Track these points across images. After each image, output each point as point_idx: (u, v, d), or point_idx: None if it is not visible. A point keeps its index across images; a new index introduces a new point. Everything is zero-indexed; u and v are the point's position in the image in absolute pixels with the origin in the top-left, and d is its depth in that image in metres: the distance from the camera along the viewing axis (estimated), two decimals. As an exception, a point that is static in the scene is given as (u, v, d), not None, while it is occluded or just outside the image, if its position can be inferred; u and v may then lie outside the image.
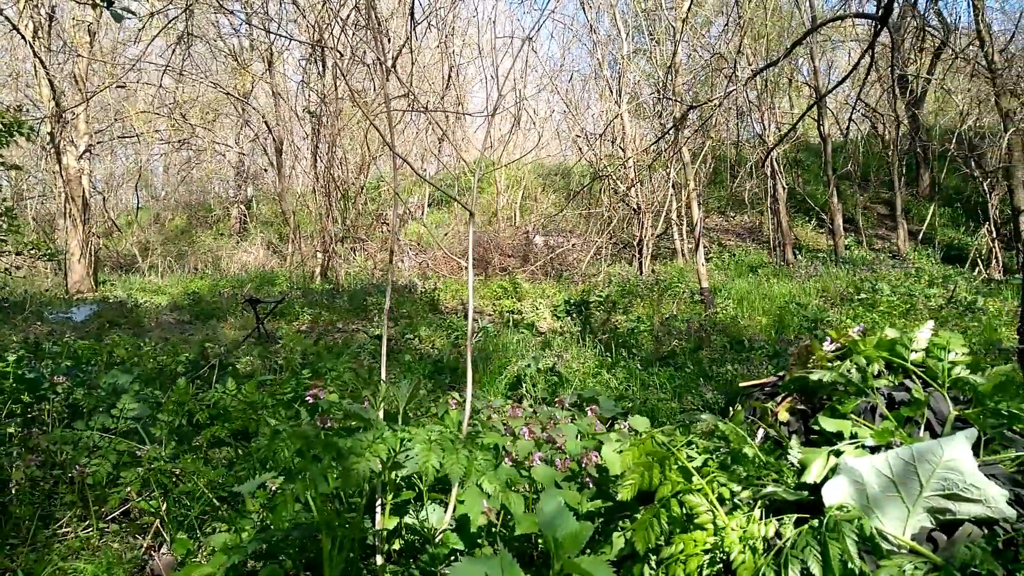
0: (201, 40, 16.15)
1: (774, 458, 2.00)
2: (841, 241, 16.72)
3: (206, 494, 3.01)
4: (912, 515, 1.74)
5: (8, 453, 3.36)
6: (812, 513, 1.79)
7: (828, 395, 2.22)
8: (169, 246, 21.76)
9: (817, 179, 21.01)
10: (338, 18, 7.52)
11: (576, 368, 6.87)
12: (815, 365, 2.32)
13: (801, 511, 1.83)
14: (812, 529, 1.67)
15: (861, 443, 1.96)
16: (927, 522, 1.74)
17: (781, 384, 2.41)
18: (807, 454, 1.94)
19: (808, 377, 2.20)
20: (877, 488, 1.75)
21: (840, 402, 2.11)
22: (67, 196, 14.91)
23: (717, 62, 13.65)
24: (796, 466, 1.97)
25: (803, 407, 2.24)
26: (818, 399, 2.25)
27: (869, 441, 1.96)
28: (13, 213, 5.82)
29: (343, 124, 16.51)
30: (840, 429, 2.05)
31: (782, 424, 2.22)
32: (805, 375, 2.23)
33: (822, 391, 2.23)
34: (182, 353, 6.52)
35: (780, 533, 1.76)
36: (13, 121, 4.79)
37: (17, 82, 20.30)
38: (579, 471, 2.43)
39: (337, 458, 1.78)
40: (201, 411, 3.27)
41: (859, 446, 1.95)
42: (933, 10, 16.71)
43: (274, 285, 15.31)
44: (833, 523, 1.63)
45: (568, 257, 17.09)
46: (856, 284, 11.96)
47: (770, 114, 17.73)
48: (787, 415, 2.22)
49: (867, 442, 1.96)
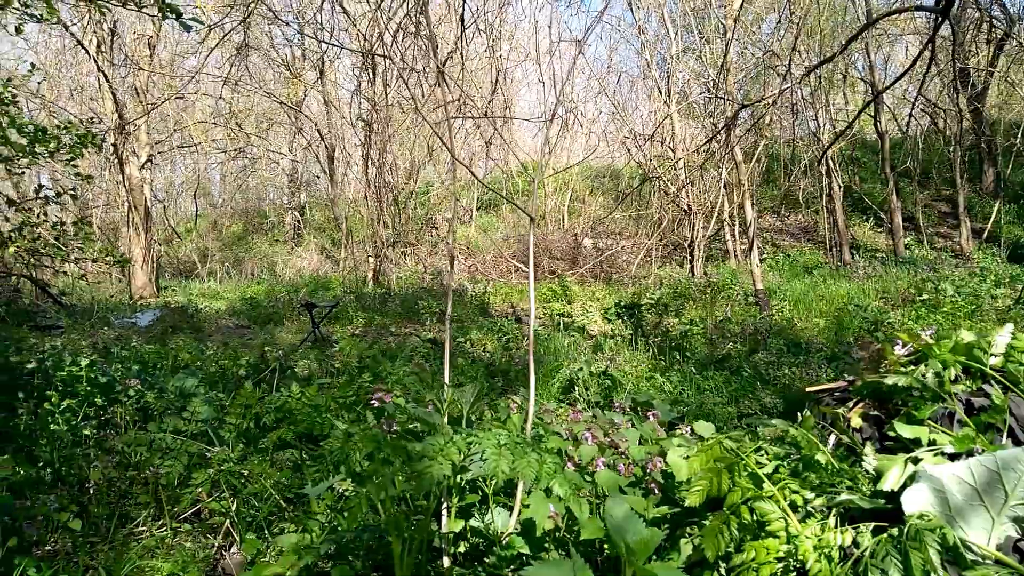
0: (256, 51, 16.57)
1: (848, 465, 1.96)
2: (901, 240, 16.23)
3: (273, 495, 3.09)
4: (997, 525, 1.68)
5: (85, 454, 3.51)
6: (890, 522, 1.74)
7: (903, 401, 2.16)
8: (226, 252, 22.37)
9: (874, 176, 20.44)
10: (389, 27, 7.64)
11: (629, 371, 6.82)
12: (887, 370, 2.26)
13: (878, 520, 1.78)
14: (892, 538, 1.63)
15: (940, 450, 1.90)
16: (1013, 532, 1.68)
17: (852, 389, 2.36)
18: (883, 461, 1.89)
19: (881, 382, 2.15)
20: (959, 497, 1.70)
21: (916, 408, 2.05)
22: (130, 205, 15.47)
23: (769, 60, 13.41)
24: (871, 473, 1.92)
25: (876, 413, 2.19)
26: (892, 405, 2.19)
27: (948, 448, 1.90)
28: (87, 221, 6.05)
29: (393, 130, 16.73)
30: (917, 436, 1.99)
31: (855, 430, 2.16)
32: (878, 380, 2.17)
33: (896, 396, 2.17)
34: (242, 357, 6.69)
35: (857, 542, 1.72)
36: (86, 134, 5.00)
37: (82, 95, 21.12)
38: (643, 476, 2.41)
39: (407, 461, 1.80)
40: (268, 414, 3.35)
41: (938, 453, 1.89)
42: (996, 1, 16.12)
43: (328, 290, 15.59)
44: (914, 532, 1.59)
45: (618, 259, 16.98)
46: (918, 285, 11.59)
47: (824, 111, 17.33)
48: (860, 421, 2.17)
49: (946, 449, 1.90)
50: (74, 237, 5.52)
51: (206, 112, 19.83)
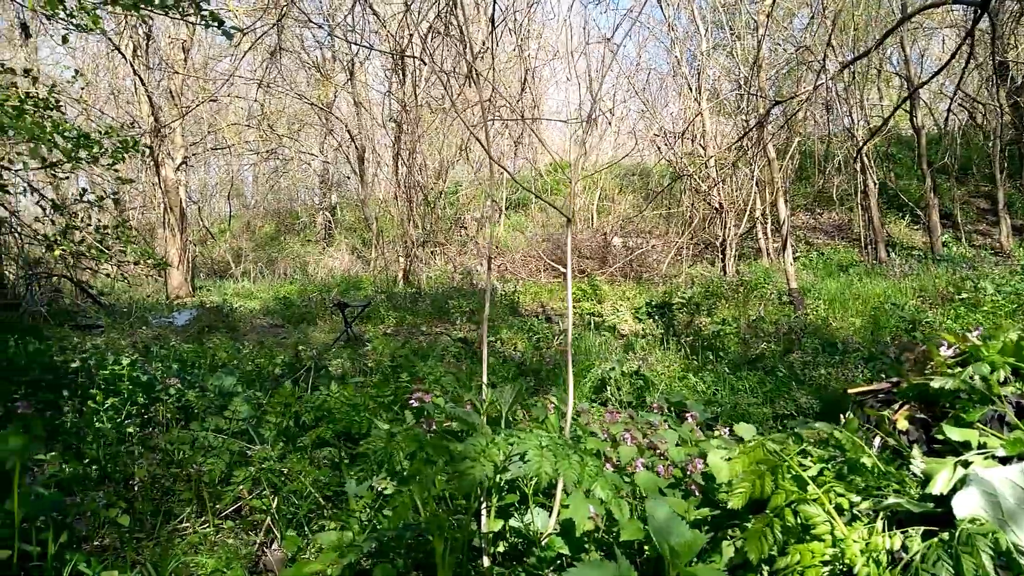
0: (287, 53, 16.78)
1: (894, 468, 1.93)
2: (938, 238, 15.90)
3: (312, 493, 3.13)
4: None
5: (130, 452, 3.58)
6: (939, 526, 1.71)
7: (950, 403, 2.12)
8: (259, 252, 22.70)
9: (910, 173, 20.05)
10: (419, 28, 7.69)
11: (661, 371, 6.78)
12: (933, 371, 2.22)
13: (926, 524, 1.75)
14: (942, 542, 1.60)
15: (990, 454, 1.86)
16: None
17: (897, 391, 2.32)
18: (931, 464, 1.86)
19: (928, 384, 2.11)
20: (1012, 501, 1.66)
21: (965, 410, 2.01)
22: (166, 206, 15.77)
23: (802, 55, 13.22)
24: (919, 477, 1.89)
25: (923, 416, 2.15)
26: (939, 407, 2.15)
27: (999, 451, 1.86)
28: (128, 225, 6.19)
29: (423, 130, 16.82)
30: (966, 439, 1.95)
31: (901, 433, 2.13)
32: (924, 382, 2.13)
33: (943, 399, 2.13)
34: (278, 355, 6.78)
35: (906, 546, 1.69)
36: (128, 139, 5.11)
37: (118, 99, 21.57)
38: (682, 478, 2.40)
39: (450, 462, 1.82)
40: (307, 413, 3.40)
41: (988, 457, 1.85)
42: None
43: (359, 289, 15.74)
44: (966, 536, 1.56)
45: (648, 258, 16.88)
46: (956, 283, 11.33)
47: (858, 107, 17.03)
48: (906, 423, 2.13)
49: (997, 452, 1.86)
50: (116, 240, 5.65)
51: (239, 114, 20.14)
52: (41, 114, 4.29)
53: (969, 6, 6.06)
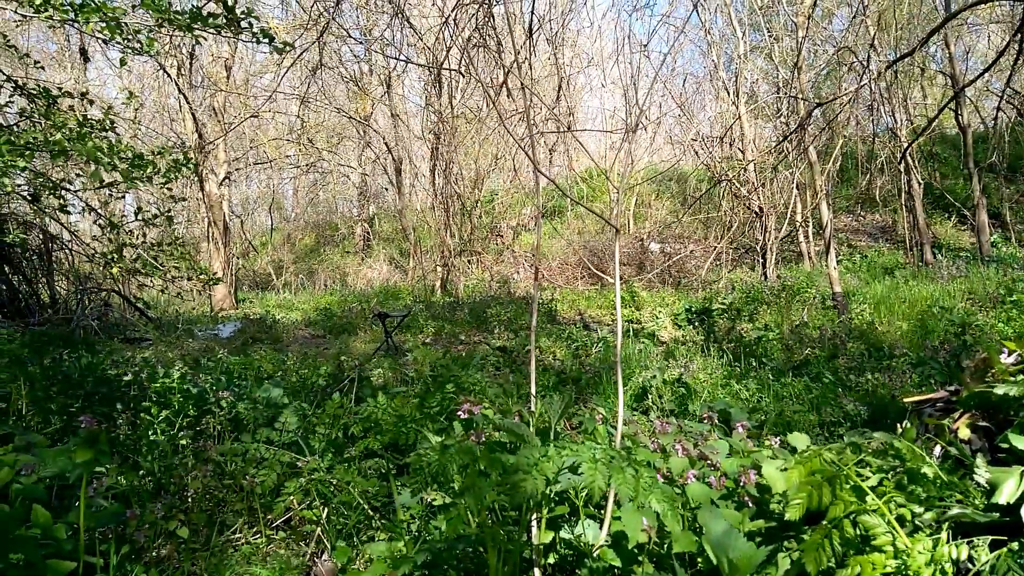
0: (327, 68, 17.06)
1: (957, 478, 1.88)
2: (987, 238, 15.46)
3: (361, 504, 3.17)
4: None
5: (183, 463, 3.67)
6: (1008, 536, 1.67)
7: (1014, 411, 2.06)
8: (300, 264, 23.07)
9: (956, 172, 19.56)
10: (457, 40, 7.75)
11: (703, 379, 6.70)
12: (995, 379, 2.16)
13: (993, 533, 1.71)
14: (1012, 552, 1.56)
15: (1059, 463, 1.81)
16: None
17: (958, 400, 2.26)
18: (996, 473, 1.81)
19: (990, 392, 2.06)
20: None
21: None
22: (210, 220, 16.14)
23: (842, 56, 13.02)
24: (984, 486, 1.84)
25: (985, 424, 2.10)
26: (1002, 416, 2.10)
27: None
28: (181, 242, 6.35)
29: (459, 141, 16.94)
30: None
31: (963, 442, 2.08)
32: (986, 390, 2.08)
33: (1007, 407, 2.08)
34: (321, 366, 6.87)
35: (972, 557, 1.65)
36: (180, 158, 5.26)
37: (163, 116, 22.17)
38: (735, 489, 2.37)
39: (503, 474, 1.82)
40: (355, 424, 3.44)
41: (1057, 467, 1.80)
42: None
43: (398, 299, 15.88)
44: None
45: (686, 264, 16.73)
46: (1007, 284, 11.00)
47: (901, 106, 16.68)
48: (968, 432, 2.08)
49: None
50: (169, 257, 5.81)
51: (279, 129, 20.53)
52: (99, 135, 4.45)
53: (1017, 2, 5.93)
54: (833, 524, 1.84)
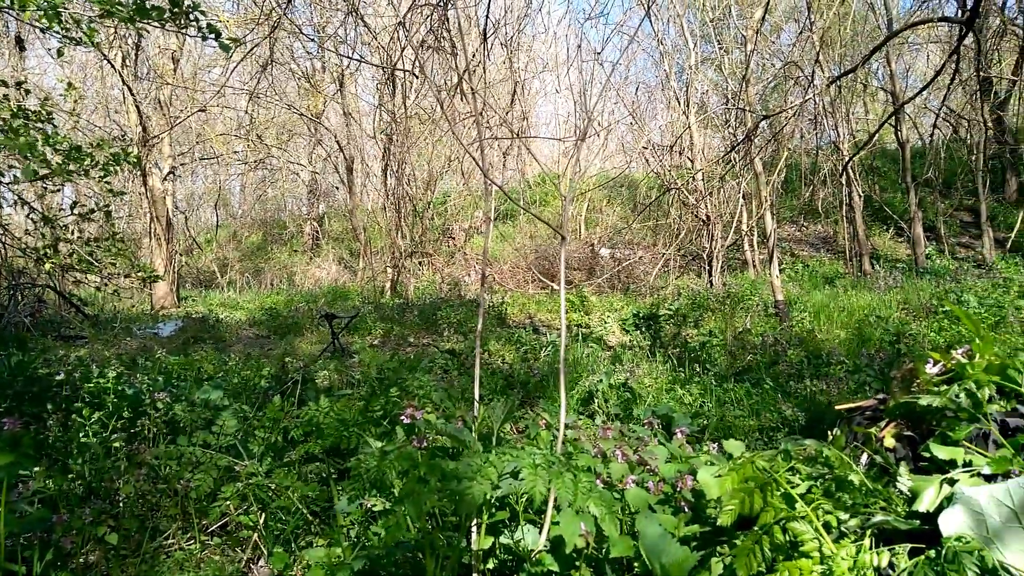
0: (278, 64, 16.76)
1: (881, 485, 1.95)
2: (922, 250, 16.08)
3: (300, 509, 3.11)
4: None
5: (116, 467, 3.55)
6: (926, 543, 1.73)
7: (936, 421, 2.15)
8: (246, 262, 22.59)
9: (895, 186, 20.28)
10: (411, 41, 7.70)
11: (648, 384, 6.80)
12: (920, 389, 2.25)
13: (913, 541, 1.77)
14: (929, 560, 1.62)
15: (976, 471, 1.89)
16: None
17: (884, 409, 2.35)
18: (918, 482, 1.89)
19: (915, 402, 2.14)
20: (998, 519, 1.69)
21: (951, 428, 2.04)
22: (152, 216, 15.68)
23: (790, 70, 13.38)
24: (906, 494, 1.92)
25: (909, 433, 2.18)
26: (926, 425, 2.18)
27: (985, 469, 1.89)
28: (120, 237, 6.14)
29: (412, 141, 16.84)
30: (952, 457, 1.98)
31: (888, 450, 2.16)
32: (912, 400, 2.16)
33: (930, 417, 2.16)
34: (264, 368, 6.74)
35: (893, 564, 1.71)
36: (120, 151, 5.09)
37: (106, 108, 21.45)
38: (672, 494, 2.41)
39: (443, 480, 1.82)
40: (296, 428, 3.38)
41: (974, 474, 1.88)
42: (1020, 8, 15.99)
43: (346, 300, 15.68)
44: (952, 554, 1.58)
45: (635, 270, 16.95)
46: (940, 296, 11.46)
47: (844, 121, 17.23)
48: (893, 441, 2.16)
49: (983, 470, 1.89)
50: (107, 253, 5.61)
51: (228, 124, 20.08)
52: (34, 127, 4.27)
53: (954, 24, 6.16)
54: (764, 530, 1.88)
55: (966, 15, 4.87)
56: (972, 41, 10.00)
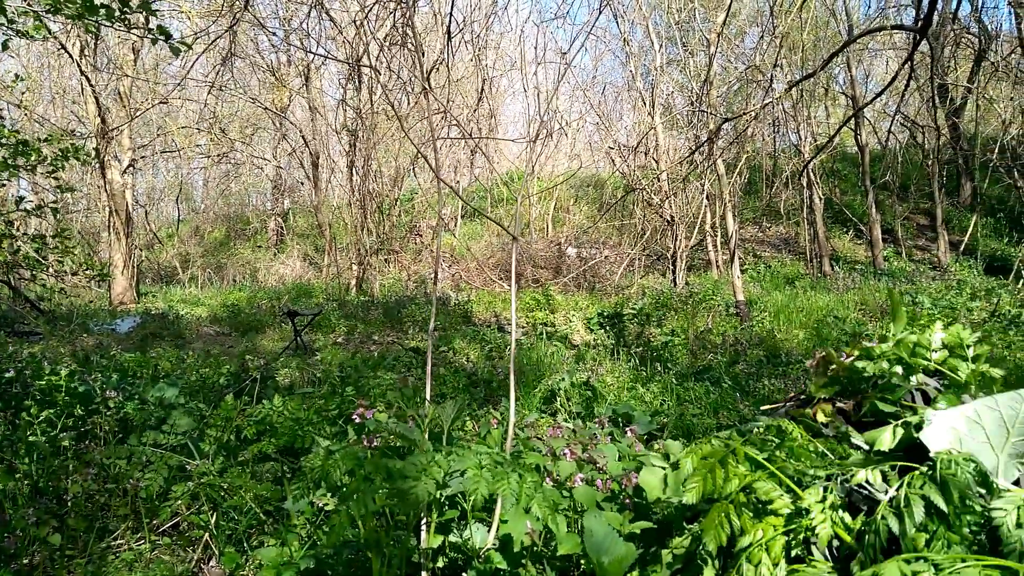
0: (241, 57, 16.51)
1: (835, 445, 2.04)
2: (880, 252, 16.46)
3: (253, 509, 3.09)
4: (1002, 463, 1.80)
5: (64, 466, 3.48)
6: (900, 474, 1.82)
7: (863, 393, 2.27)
8: (208, 258, 22.22)
9: (855, 189, 20.72)
10: (375, 37, 7.66)
11: (610, 382, 6.86)
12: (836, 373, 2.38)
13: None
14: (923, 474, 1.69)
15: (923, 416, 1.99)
16: (1015, 471, 1.79)
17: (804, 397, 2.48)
18: (871, 433, 2.00)
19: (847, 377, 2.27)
20: (970, 437, 1.81)
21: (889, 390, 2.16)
22: (111, 210, 15.34)
23: (752, 73, 13.59)
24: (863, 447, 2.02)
25: (842, 405, 2.30)
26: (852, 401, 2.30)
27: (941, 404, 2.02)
28: (67, 234, 5.99)
29: (379, 138, 16.73)
30: (895, 411, 2.10)
31: (823, 425, 2.26)
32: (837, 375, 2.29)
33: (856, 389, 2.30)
34: (223, 365, 6.66)
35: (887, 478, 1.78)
36: (70, 146, 4.95)
37: (63, 99, 20.93)
38: (619, 492, 2.45)
39: (388, 479, 1.82)
40: (249, 427, 3.35)
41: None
42: (973, 17, 16.44)
43: (310, 297, 15.54)
44: (948, 461, 1.65)
45: (601, 269, 17.07)
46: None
47: (806, 124, 17.55)
48: (825, 417, 2.27)
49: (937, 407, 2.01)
50: (54, 250, 5.46)
51: (190, 117, 19.73)
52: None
53: (909, 32, 6.32)
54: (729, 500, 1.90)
55: (920, 23, 5.01)
56: (928, 49, 10.26)
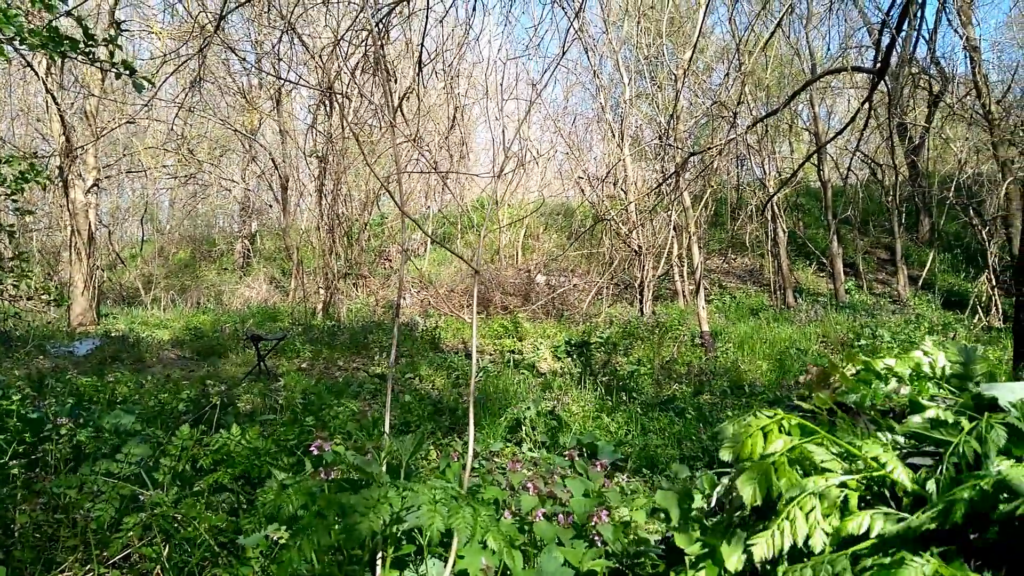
0: (211, 80, 16.42)
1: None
2: (841, 285, 16.81)
3: (207, 540, 3.01)
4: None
5: (12, 495, 3.36)
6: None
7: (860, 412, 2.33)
8: (172, 280, 21.85)
9: (818, 223, 21.18)
10: (347, 63, 7.68)
11: (576, 411, 6.85)
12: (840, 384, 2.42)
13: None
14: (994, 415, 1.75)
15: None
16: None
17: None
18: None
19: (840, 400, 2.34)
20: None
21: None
22: (73, 229, 15.03)
23: (718, 109, 13.90)
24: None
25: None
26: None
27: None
28: (25, 256, 5.84)
29: (349, 162, 16.69)
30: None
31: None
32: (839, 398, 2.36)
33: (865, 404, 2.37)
34: (183, 391, 6.51)
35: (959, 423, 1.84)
36: (29, 169, 4.85)
37: (28, 116, 20.60)
38: (583, 528, 2.43)
39: (341, 514, 1.80)
40: (205, 456, 3.28)
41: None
42: (931, 60, 17.03)
43: (276, 321, 15.34)
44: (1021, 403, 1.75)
45: (569, 297, 17.14)
46: (856, 330, 11.99)
47: (770, 159, 17.95)
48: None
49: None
50: (10, 273, 5.32)
51: (157, 137, 19.51)
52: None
53: (866, 73, 6.53)
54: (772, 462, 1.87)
55: (878, 65, 5.19)
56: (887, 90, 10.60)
